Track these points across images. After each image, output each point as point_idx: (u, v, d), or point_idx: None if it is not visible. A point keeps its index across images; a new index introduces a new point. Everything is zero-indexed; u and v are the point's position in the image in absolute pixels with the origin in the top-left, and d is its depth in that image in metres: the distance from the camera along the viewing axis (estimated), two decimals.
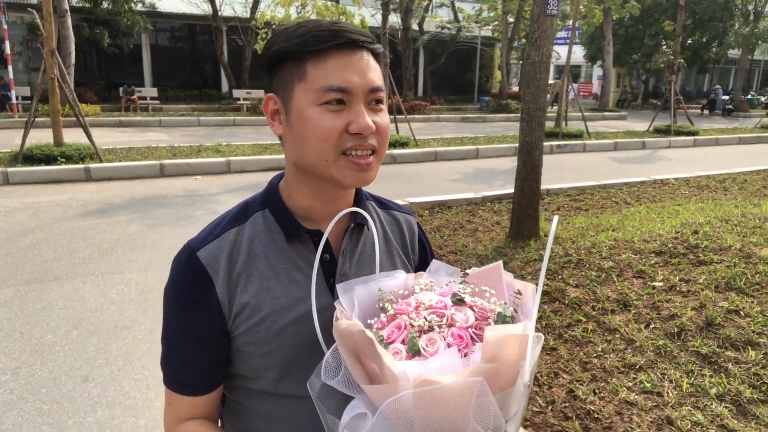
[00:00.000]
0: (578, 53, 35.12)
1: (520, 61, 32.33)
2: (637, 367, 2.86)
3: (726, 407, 2.52)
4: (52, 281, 4.59)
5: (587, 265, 3.90)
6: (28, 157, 8.71)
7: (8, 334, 3.69)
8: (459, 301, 0.82)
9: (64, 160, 8.81)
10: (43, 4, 8.42)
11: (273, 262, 0.95)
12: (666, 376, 2.77)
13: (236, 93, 20.90)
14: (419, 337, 0.77)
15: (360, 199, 1.04)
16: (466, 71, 28.56)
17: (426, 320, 0.78)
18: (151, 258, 5.18)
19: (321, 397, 0.82)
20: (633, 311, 3.29)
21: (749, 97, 32.47)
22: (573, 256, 4.12)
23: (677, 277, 3.49)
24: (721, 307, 3.13)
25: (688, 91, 41.17)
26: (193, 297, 0.93)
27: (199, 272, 0.93)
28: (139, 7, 19.40)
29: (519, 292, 0.85)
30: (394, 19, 23.02)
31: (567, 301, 3.48)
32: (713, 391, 2.61)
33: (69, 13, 14.45)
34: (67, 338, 3.67)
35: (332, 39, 0.85)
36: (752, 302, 3.14)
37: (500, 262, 0.90)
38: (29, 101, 17.04)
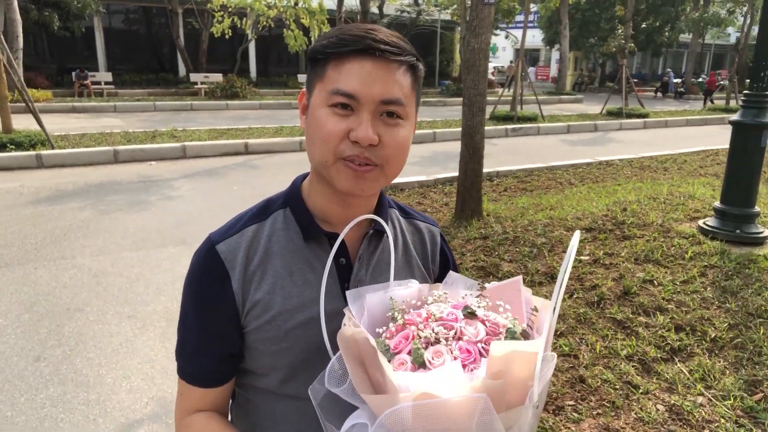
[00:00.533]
0: (538, 37, 35.72)
1: None
2: (559, 333, 3.11)
3: (633, 366, 2.79)
4: (2, 267, 4.62)
5: (522, 242, 4.15)
6: None
7: None
8: (470, 315, 0.80)
9: (13, 147, 8.67)
10: None
11: (288, 261, 0.96)
12: (583, 341, 3.03)
13: (193, 77, 20.62)
14: (426, 348, 0.76)
15: (382, 205, 1.03)
16: (427, 55, 28.69)
17: (433, 332, 0.77)
18: (104, 243, 5.23)
19: (323, 405, 0.82)
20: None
21: (700, 80, 33.55)
22: (510, 233, 4.36)
23: (602, 251, 3.77)
24: (638, 277, 3.40)
25: (644, 74, 42.27)
26: (210, 289, 0.94)
27: (217, 265, 0.94)
28: None
29: (535, 309, 0.82)
30: (353, 2, 22.97)
31: (500, 275, 3.72)
32: (623, 352, 2.88)
33: None
34: (19, 321, 3.74)
35: (352, 44, 0.85)
36: (665, 272, 3.43)
37: (519, 278, 0.87)
38: None
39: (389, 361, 0.76)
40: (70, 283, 4.38)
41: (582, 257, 3.76)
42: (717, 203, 3.89)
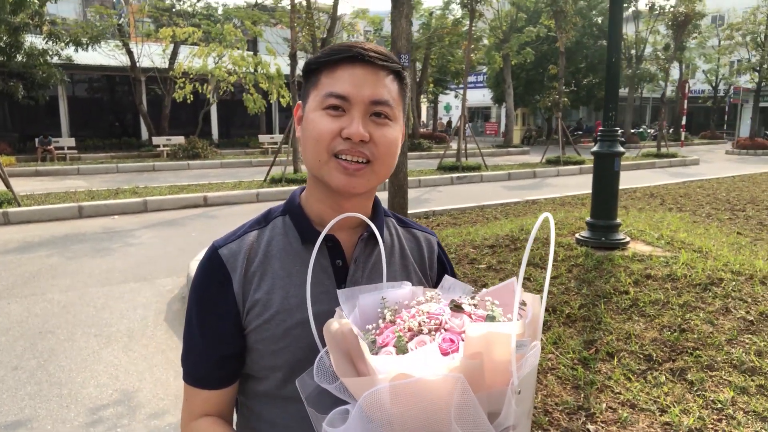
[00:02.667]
0: (488, 96, 37.87)
1: (431, 104, 34.48)
2: None
3: None
4: None
5: (460, 261, 4.92)
6: None
7: None
8: (457, 308, 0.81)
9: None
10: None
11: (287, 263, 1.00)
12: None
13: (156, 140, 21.32)
14: (411, 339, 0.77)
15: (377, 211, 1.08)
16: None
17: (418, 323, 0.79)
18: (72, 282, 5.78)
19: (311, 399, 0.84)
20: None
21: (640, 130, 35.86)
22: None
23: (496, 260, 4.56)
24: (528, 278, 4.19)
25: (590, 127, 44.81)
26: (213, 291, 0.99)
27: (219, 268, 0.99)
28: (56, 59, 19.68)
29: (523, 303, 0.83)
30: None
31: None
32: None
33: None
34: None
35: (343, 53, 0.93)
36: (541, 271, 4.22)
37: (514, 279, 0.86)
38: None
39: (377, 353, 0.78)
40: (42, 313, 4.93)
41: (480, 266, 4.54)
42: (588, 218, 4.76)
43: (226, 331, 0.98)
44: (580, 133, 36.35)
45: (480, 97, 40.89)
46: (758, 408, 2.62)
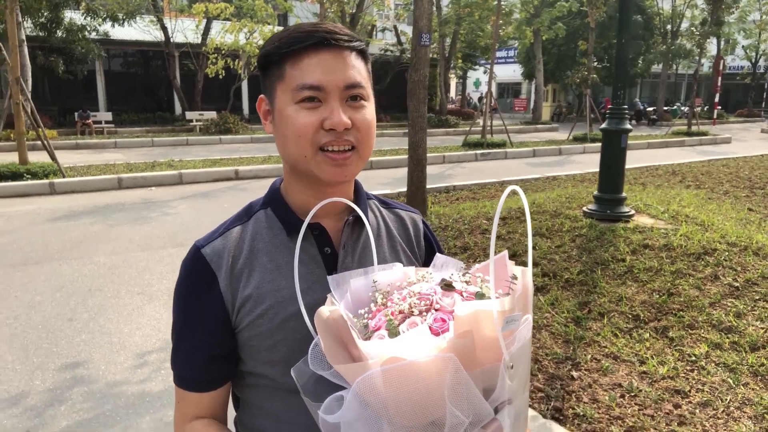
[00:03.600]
0: (518, 71, 37.51)
1: (459, 80, 34.36)
2: None
3: None
4: (33, 264, 5.66)
5: (450, 228, 5.24)
6: None
7: (4, 296, 4.78)
8: (447, 287, 0.81)
9: (29, 176, 9.77)
10: (9, 37, 9.45)
11: (275, 256, 0.98)
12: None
13: (189, 115, 21.91)
14: (402, 322, 0.77)
15: (359, 196, 1.06)
16: None
17: (408, 305, 0.79)
18: (114, 247, 6.29)
19: (307, 387, 0.84)
20: (470, 252, 4.63)
21: (674, 108, 35.16)
22: (442, 223, 5.46)
23: (505, 230, 4.86)
24: (525, 245, 4.49)
25: (631, 104, 44.09)
26: (198, 292, 0.96)
27: (203, 268, 0.96)
28: (93, 35, 20.30)
29: (514, 276, 0.82)
30: None
31: None
32: None
33: (25, 43, 15.31)
34: (53, 298, 4.77)
35: (306, 39, 0.89)
36: (547, 241, 4.51)
37: (505, 252, 0.87)
38: None
39: (370, 338, 0.78)
40: (89, 273, 5.42)
41: (490, 235, 4.86)
42: (595, 192, 5.01)
43: (215, 333, 0.96)
44: (595, 109, 35.74)
45: (510, 72, 40.49)
46: (728, 360, 2.91)
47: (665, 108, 33.53)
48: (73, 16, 19.66)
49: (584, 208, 5.01)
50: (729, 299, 3.46)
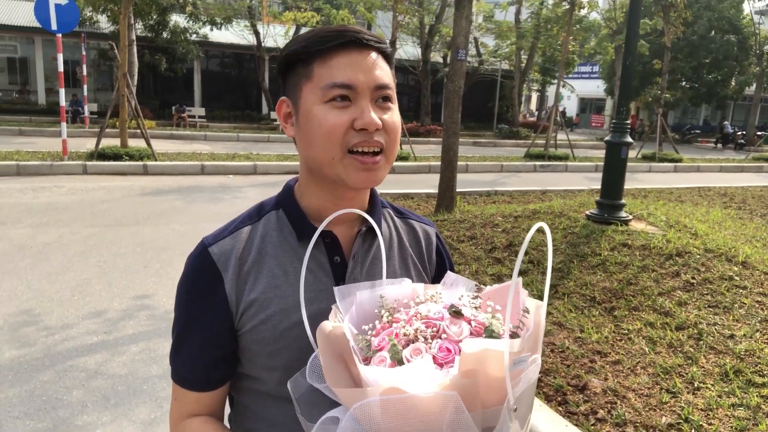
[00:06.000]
0: (602, 87, 36.98)
1: (537, 92, 34.36)
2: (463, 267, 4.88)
3: (493, 279, 4.52)
4: (122, 226, 6.88)
5: (466, 222, 5.94)
6: (101, 155, 11.22)
7: (98, 247, 5.96)
8: (456, 314, 0.79)
9: (128, 158, 11.30)
10: (121, 38, 11.02)
11: (283, 260, 0.96)
12: (479, 269, 4.78)
13: (274, 115, 23.54)
14: (406, 346, 0.76)
15: (374, 204, 1.04)
16: (488, 101, 30.69)
17: (414, 330, 0.77)
18: (189, 218, 7.43)
19: (302, 400, 0.83)
20: (475, 241, 5.33)
21: (766, 133, 33.46)
22: (464, 218, 6.17)
23: (511, 225, 5.51)
24: (522, 238, 5.13)
25: (713, 126, 42.21)
26: (202, 291, 0.95)
27: (209, 267, 0.95)
28: (194, 37, 22.37)
29: (526, 310, 0.80)
30: (414, 51, 25.42)
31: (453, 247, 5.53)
32: (491, 271, 4.61)
33: (135, 42, 17.29)
34: (134, 251, 5.90)
35: (336, 38, 0.89)
36: (543, 236, 5.13)
37: (519, 280, 0.82)
38: (96, 115, 20.00)
39: (371, 359, 0.77)
40: (165, 236, 6.55)
41: (498, 229, 5.51)
42: (598, 198, 5.55)
43: (217, 334, 0.95)
44: (697, 132, 34.58)
45: (594, 88, 39.92)
46: (653, 335, 3.49)
47: (758, 133, 32.00)
48: (177, 19, 21.75)
49: (587, 212, 5.57)
50: (679, 291, 3.98)
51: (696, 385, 2.97)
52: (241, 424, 1.04)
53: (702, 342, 3.37)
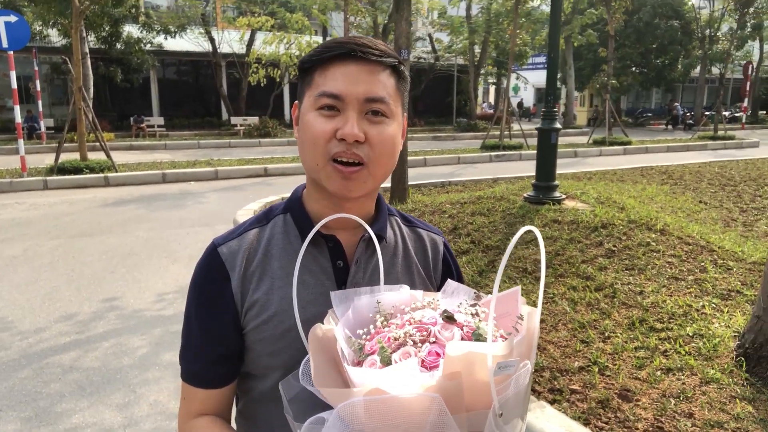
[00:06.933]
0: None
1: (494, 85, 35.11)
2: None
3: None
4: (87, 236, 7.08)
5: (417, 211, 6.34)
6: (61, 169, 11.29)
7: (65, 257, 6.17)
8: (448, 319, 0.80)
9: (88, 171, 11.39)
10: (74, 52, 11.11)
11: (286, 263, 0.99)
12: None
13: (234, 120, 23.63)
14: (396, 350, 0.77)
15: (380, 211, 1.06)
16: (446, 96, 31.29)
17: (404, 334, 0.78)
18: (153, 225, 7.66)
19: (295, 401, 0.84)
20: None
21: (713, 112, 34.86)
22: (414, 208, 6.57)
23: (456, 211, 5.92)
24: (466, 221, 5.55)
25: (663, 109, 43.73)
26: (211, 290, 0.99)
27: (218, 266, 0.99)
28: (148, 47, 22.30)
29: (521, 317, 0.81)
30: None
31: None
32: None
33: (88, 55, 17.23)
34: (100, 258, 6.13)
35: (335, 49, 0.91)
36: (483, 218, 5.55)
37: (518, 288, 0.87)
38: (52, 131, 19.83)
39: (363, 362, 0.78)
40: (130, 243, 6.79)
41: (445, 215, 5.93)
42: (534, 181, 6.02)
43: (225, 331, 0.98)
44: (650, 115, 35.83)
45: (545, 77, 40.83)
46: (575, 297, 3.93)
47: (706, 113, 33.35)
48: (130, 29, 21.68)
49: (524, 194, 6.03)
50: (601, 258, 4.44)
51: (607, 335, 3.42)
52: (246, 424, 1.08)
53: (616, 299, 3.82)
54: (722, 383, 2.82)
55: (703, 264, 4.25)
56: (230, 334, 0.99)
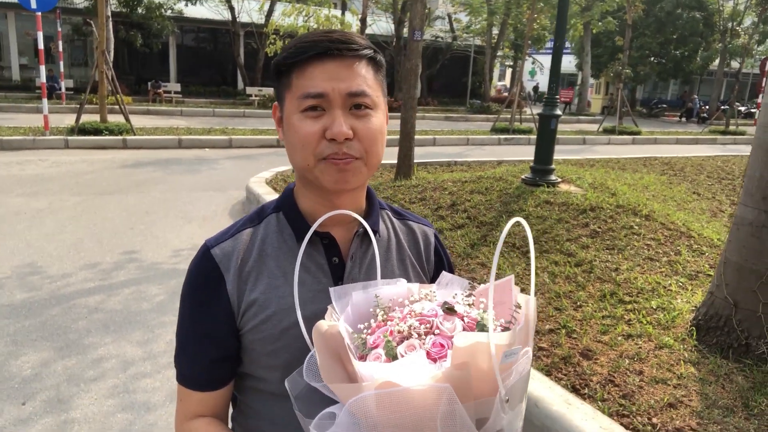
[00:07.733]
0: (573, 62, 37.79)
1: (509, 67, 35.06)
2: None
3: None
4: (107, 195, 7.49)
5: (419, 187, 6.68)
6: (81, 130, 11.69)
7: (87, 212, 6.58)
8: (449, 310, 0.81)
9: (108, 132, 11.79)
10: (99, 15, 11.42)
11: (282, 262, 0.99)
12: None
13: (249, 90, 23.90)
14: (401, 343, 0.78)
15: (372, 205, 1.07)
16: (462, 76, 31.33)
17: (408, 326, 0.79)
18: (169, 187, 8.06)
19: (300, 397, 0.85)
20: (425, 203, 6.07)
21: (727, 107, 34.65)
22: (417, 184, 6.91)
23: (457, 189, 6.26)
24: (465, 198, 5.88)
25: (680, 101, 43.42)
26: (205, 292, 0.99)
27: (211, 268, 0.99)
28: (169, 12, 22.54)
29: (518, 306, 0.83)
30: (389, 27, 25.87)
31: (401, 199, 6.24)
32: (441, 225, 5.36)
33: (110, 19, 17.52)
34: (120, 216, 6.54)
35: (310, 49, 0.91)
36: (481, 197, 5.88)
37: (511, 277, 0.88)
38: (71, 91, 20.23)
39: (366, 356, 0.79)
40: (147, 202, 7.19)
41: (445, 192, 6.27)
42: (532, 164, 6.33)
43: (220, 333, 0.98)
44: (664, 106, 35.65)
45: (566, 63, 40.59)
46: (556, 271, 4.28)
47: (722, 107, 33.16)
48: None
49: (522, 176, 6.34)
50: (584, 238, 4.78)
51: (579, 304, 3.77)
52: (244, 424, 1.07)
53: (592, 274, 4.17)
54: (674, 349, 3.18)
55: (678, 248, 4.58)
56: (226, 336, 0.99)
